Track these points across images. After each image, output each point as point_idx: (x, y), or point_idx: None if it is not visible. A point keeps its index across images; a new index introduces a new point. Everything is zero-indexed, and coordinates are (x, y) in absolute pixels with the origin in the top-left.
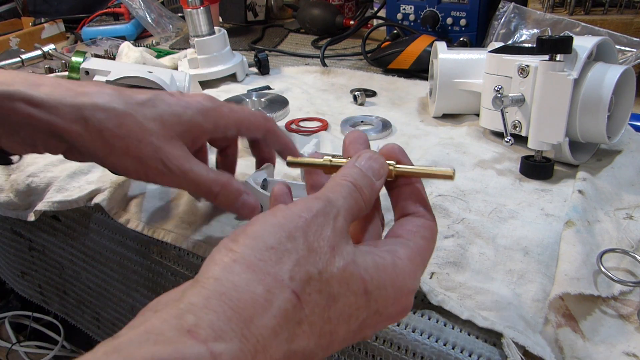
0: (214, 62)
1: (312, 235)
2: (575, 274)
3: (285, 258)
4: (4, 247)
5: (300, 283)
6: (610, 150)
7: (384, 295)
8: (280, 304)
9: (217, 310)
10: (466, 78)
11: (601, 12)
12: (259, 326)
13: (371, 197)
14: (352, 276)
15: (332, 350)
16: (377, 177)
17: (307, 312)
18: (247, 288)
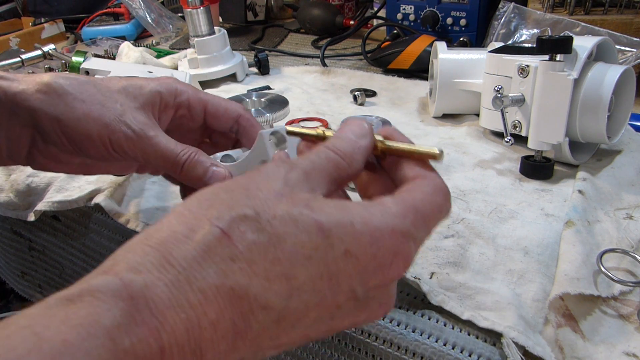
0: (214, 62)
1: (254, 184)
2: (575, 274)
3: (216, 204)
4: (4, 247)
5: (229, 221)
6: (610, 150)
7: (351, 232)
8: (201, 237)
9: (136, 250)
10: (466, 78)
11: (601, 12)
12: (178, 258)
13: (353, 154)
14: (301, 215)
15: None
16: (359, 136)
17: (241, 248)
18: (168, 228)
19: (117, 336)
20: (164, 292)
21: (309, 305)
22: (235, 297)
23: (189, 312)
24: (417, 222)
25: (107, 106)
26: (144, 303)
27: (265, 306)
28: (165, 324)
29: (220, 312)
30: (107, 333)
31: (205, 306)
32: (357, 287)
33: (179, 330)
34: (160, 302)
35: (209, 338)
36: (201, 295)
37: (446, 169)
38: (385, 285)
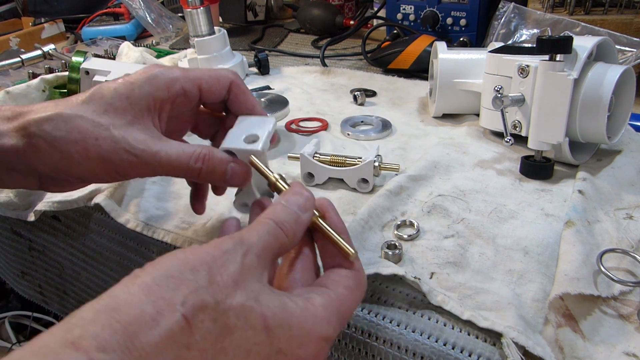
0: (214, 62)
1: (216, 269)
2: (575, 274)
3: (182, 286)
4: (4, 247)
5: (193, 309)
6: (610, 150)
7: (288, 335)
8: (167, 324)
9: (105, 324)
10: (466, 78)
11: (601, 12)
12: (143, 342)
13: (296, 230)
14: (252, 310)
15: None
16: (303, 210)
17: (198, 337)
18: (137, 306)
19: None
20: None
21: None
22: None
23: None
24: (337, 326)
25: (102, 137)
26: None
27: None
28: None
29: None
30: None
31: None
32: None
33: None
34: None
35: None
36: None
37: (446, 169)
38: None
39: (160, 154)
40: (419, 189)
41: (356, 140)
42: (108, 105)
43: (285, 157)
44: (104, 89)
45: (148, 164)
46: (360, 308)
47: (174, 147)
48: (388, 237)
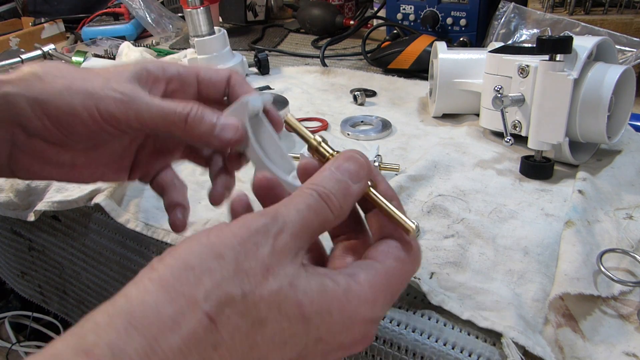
0: (214, 62)
1: (243, 254)
2: (575, 274)
3: (205, 278)
4: (4, 247)
5: (217, 305)
6: (610, 150)
7: (328, 322)
8: (190, 325)
9: (119, 330)
10: (466, 78)
11: (601, 12)
12: (164, 348)
13: (343, 204)
14: (286, 299)
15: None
16: (355, 180)
17: (225, 336)
18: (155, 307)
19: None
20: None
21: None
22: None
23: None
24: (385, 305)
25: (89, 79)
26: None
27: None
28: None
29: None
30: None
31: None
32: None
33: None
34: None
35: None
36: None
37: (446, 169)
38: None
39: (147, 97)
40: (419, 189)
41: (356, 140)
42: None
43: None
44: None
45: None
46: None
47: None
48: None
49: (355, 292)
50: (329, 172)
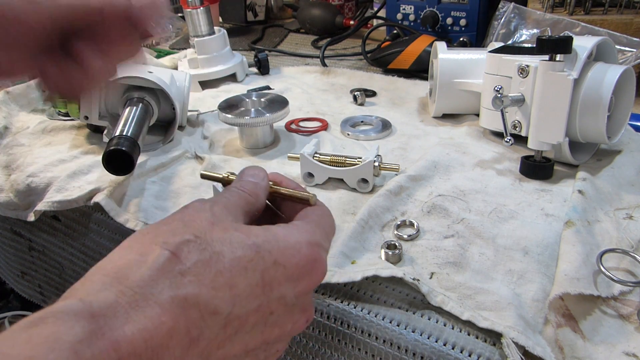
0: (214, 62)
1: (187, 217)
2: (575, 274)
3: (160, 234)
4: (4, 247)
5: (175, 245)
6: (610, 150)
7: (277, 248)
8: (154, 259)
9: (93, 280)
10: (466, 78)
11: (601, 12)
12: (135, 280)
13: (256, 191)
14: (235, 236)
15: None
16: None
17: (189, 265)
18: (122, 256)
19: (79, 349)
20: (123, 310)
21: (249, 310)
22: (188, 305)
23: (147, 324)
24: (323, 235)
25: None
26: (104, 321)
27: (214, 312)
28: (124, 337)
29: (176, 320)
30: (71, 347)
31: (162, 316)
32: (287, 292)
33: (136, 340)
34: (119, 319)
35: (165, 345)
36: (158, 307)
37: (446, 169)
38: (308, 290)
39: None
40: (419, 189)
41: (356, 140)
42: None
43: (285, 157)
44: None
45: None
46: (361, 308)
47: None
48: (388, 237)
49: (292, 226)
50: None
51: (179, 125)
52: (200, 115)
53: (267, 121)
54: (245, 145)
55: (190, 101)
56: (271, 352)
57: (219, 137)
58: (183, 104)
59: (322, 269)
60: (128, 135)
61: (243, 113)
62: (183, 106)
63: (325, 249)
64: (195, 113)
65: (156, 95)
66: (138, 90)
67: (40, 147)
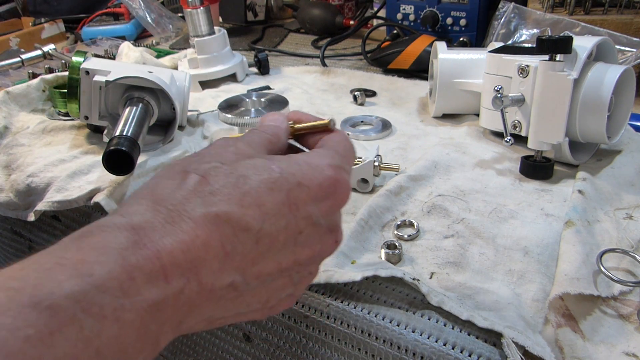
0: (214, 62)
1: (214, 150)
2: (575, 274)
3: (190, 162)
4: (4, 247)
5: (203, 170)
6: (610, 150)
7: (300, 170)
8: (187, 182)
9: (131, 202)
10: (466, 78)
11: (601, 12)
12: (169, 199)
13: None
14: (258, 162)
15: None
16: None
17: (218, 186)
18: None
19: (125, 255)
20: (160, 225)
21: (278, 228)
22: (220, 221)
23: (183, 237)
24: (343, 159)
25: None
26: (144, 233)
27: (246, 228)
28: (164, 247)
29: (210, 235)
30: (117, 252)
31: (196, 230)
32: (314, 211)
33: (176, 251)
34: (158, 232)
35: (202, 257)
36: (192, 222)
37: (446, 169)
38: (334, 211)
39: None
40: (419, 189)
41: (356, 140)
42: None
43: None
44: None
45: None
46: (361, 308)
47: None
48: (388, 237)
49: (313, 153)
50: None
51: (179, 125)
52: (200, 115)
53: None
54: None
55: (190, 101)
56: (304, 274)
57: (219, 137)
58: (183, 104)
59: (346, 189)
60: (128, 135)
61: (243, 113)
62: (183, 106)
63: (347, 170)
64: (195, 113)
65: (156, 95)
66: (138, 90)
67: (40, 147)
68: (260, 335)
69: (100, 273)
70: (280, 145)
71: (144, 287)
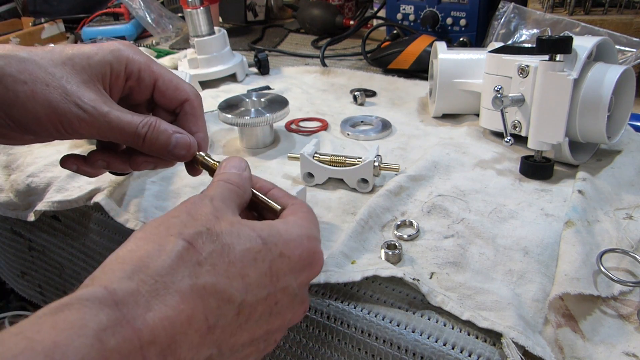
0: (214, 62)
1: (194, 211)
2: (575, 274)
3: (172, 227)
4: (4, 247)
5: (190, 235)
6: (610, 150)
7: (282, 240)
8: (173, 249)
9: (114, 270)
10: (466, 78)
11: (601, 12)
12: (155, 268)
13: (243, 183)
14: (242, 229)
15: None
16: (241, 170)
17: (205, 255)
18: (139, 247)
19: (103, 337)
20: (144, 298)
21: (259, 299)
22: (207, 294)
23: (168, 312)
24: (316, 230)
25: (53, 85)
26: (127, 310)
27: (229, 300)
28: (146, 325)
29: (195, 308)
30: (95, 334)
31: (181, 304)
32: (292, 282)
33: (157, 328)
34: (141, 307)
35: (184, 332)
36: (178, 296)
37: (446, 169)
38: (308, 282)
39: (110, 115)
40: (419, 189)
41: (356, 140)
42: (67, 59)
43: (285, 157)
44: (70, 46)
45: (96, 123)
46: (361, 308)
47: (124, 110)
48: (388, 237)
49: (291, 222)
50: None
51: None
52: None
53: (267, 121)
54: (246, 146)
55: None
56: (270, 342)
57: (219, 137)
58: None
59: (321, 261)
60: None
61: (243, 113)
62: None
63: (320, 241)
64: None
65: None
66: None
67: (40, 147)
68: None
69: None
70: (246, 197)
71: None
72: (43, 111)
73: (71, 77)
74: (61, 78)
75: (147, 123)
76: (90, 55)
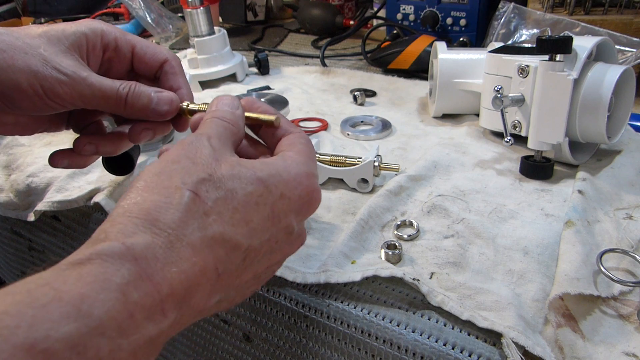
0: (214, 62)
1: (192, 154)
2: (575, 274)
3: (174, 173)
4: (4, 247)
5: (194, 184)
6: (610, 150)
7: (282, 180)
8: (180, 201)
9: (125, 222)
10: (466, 78)
11: (601, 12)
12: (166, 221)
13: (236, 120)
14: (242, 172)
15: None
16: (234, 108)
17: (210, 204)
18: (147, 199)
19: (127, 291)
20: (161, 252)
21: (262, 242)
22: (215, 244)
23: (183, 266)
24: (313, 164)
25: (31, 53)
26: (146, 263)
27: (236, 247)
28: (165, 279)
29: (206, 259)
30: (119, 288)
31: (194, 257)
32: (292, 222)
33: (174, 282)
34: (159, 261)
35: (197, 283)
36: (190, 249)
37: (446, 169)
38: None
39: (90, 79)
40: (419, 189)
41: (356, 140)
42: (42, 32)
43: None
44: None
45: (77, 86)
46: (361, 308)
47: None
48: (388, 237)
49: (288, 157)
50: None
51: None
52: None
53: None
54: None
55: None
56: (269, 273)
57: None
58: None
59: (319, 197)
60: None
61: None
62: None
63: (317, 176)
64: None
65: None
66: None
67: (40, 147)
68: (260, 335)
69: (99, 313)
70: (240, 135)
71: (142, 324)
72: (24, 77)
73: (48, 46)
74: (38, 47)
75: (127, 84)
76: (65, 28)
